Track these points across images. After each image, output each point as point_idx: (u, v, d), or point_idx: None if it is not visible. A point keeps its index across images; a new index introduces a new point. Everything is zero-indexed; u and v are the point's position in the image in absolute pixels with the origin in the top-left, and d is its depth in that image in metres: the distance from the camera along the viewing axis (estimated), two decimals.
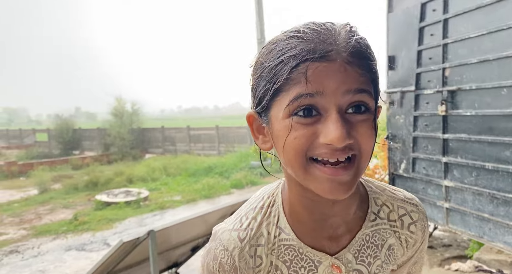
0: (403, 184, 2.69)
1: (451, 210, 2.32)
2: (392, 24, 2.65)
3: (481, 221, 2.08)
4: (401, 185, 2.68)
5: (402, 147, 2.68)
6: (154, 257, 1.89)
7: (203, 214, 2.27)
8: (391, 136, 2.75)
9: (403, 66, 2.59)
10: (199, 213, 2.35)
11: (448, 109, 2.18)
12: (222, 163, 7.13)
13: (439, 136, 2.32)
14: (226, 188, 5.61)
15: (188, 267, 2.68)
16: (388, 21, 2.68)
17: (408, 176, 2.63)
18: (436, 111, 2.26)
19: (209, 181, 5.86)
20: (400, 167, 2.68)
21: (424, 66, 2.39)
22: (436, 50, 2.26)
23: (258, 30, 6.72)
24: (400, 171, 2.69)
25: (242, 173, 6.23)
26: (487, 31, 1.91)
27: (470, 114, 2.11)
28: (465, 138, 2.12)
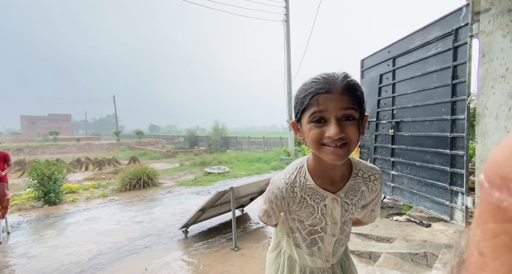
0: None
1: (395, 188, 3.25)
2: (363, 85, 3.83)
3: (411, 194, 2.95)
4: None
5: (368, 151, 3.76)
6: (233, 200, 2.98)
7: (255, 181, 3.43)
8: (362, 146, 3.89)
9: (369, 107, 3.66)
10: (254, 180, 3.48)
11: (395, 131, 3.18)
12: (265, 156, 11.68)
13: (389, 146, 3.29)
14: (267, 170, 9.13)
15: (249, 207, 4.39)
16: (360, 83, 3.92)
17: None
18: (388, 132, 3.30)
19: (259, 165, 9.83)
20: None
21: (381, 108, 3.46)
22: (388, 99, 3.31)
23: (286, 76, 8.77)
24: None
25: (276, 162, 10.02)
26: (417, 90, 2.80)
27: (407, 135, 2.99)
28: (404, 148, 3.04)
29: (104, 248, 3.16)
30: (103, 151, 21.09)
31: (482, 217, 0.18)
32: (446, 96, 2.49)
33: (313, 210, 0.71)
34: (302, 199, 0.71)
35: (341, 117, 0.59)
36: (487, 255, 0.16)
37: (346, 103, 0.58)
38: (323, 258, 0.78)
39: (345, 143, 0.59)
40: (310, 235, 0.77)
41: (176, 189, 6.50)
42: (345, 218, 0.75)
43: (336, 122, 0.57)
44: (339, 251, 0.82)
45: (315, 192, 0.70)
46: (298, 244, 0.80)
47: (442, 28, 2.54)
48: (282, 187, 0.72)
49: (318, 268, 0.79)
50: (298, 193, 0.71)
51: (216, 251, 2.94)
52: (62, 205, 5.35)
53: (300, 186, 0.71)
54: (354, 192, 0.72)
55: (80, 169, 10.71)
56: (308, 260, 0.80)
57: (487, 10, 2.04)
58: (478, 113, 2.09)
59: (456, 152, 2.39)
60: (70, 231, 3.80)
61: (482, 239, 0.17)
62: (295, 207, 0.73)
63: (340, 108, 0.58)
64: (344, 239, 0.81)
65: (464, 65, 2.29)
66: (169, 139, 29.12)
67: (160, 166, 10.82)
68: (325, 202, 0.70)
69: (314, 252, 0.78)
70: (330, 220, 0.72)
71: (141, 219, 4.24)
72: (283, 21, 9.63)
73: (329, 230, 0.75)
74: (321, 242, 0.77)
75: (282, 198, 0.72)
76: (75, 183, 7.49)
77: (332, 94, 0.58)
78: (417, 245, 2.24)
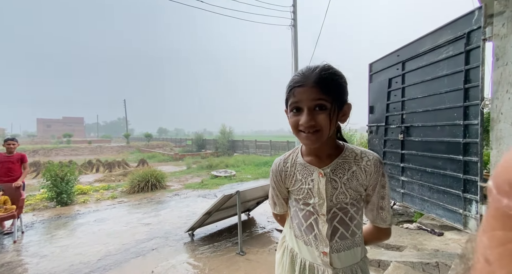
0: None
1: (405, 194, 3.17)
2: (372, 89, 3.81)
3: (422, 201, 2.88)
4: None
5: None
6: (239, 204, 2.98)
7: (262, 185, 3.45)
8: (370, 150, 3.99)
9: (378, 112, 3.66)
10: (260, 184, 3.54)
11: (405, 136, 3.12)
12: (272, 160, 11.65)
13: (399, 151, 3.22)
14: None
15: (255, 211, 4.41)
16: (369, 88, 3.86)
17: None
18: (397, 137, 3.23)
19: (265, 169, 9.71)
20: None
21: (391, 112, 3.41)
22: (397, 104, 3.25)
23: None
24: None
25: None
26: (427, 94, 2.76)
27: (417, 140, 2.93)
28: (414, 153, 2.98)
29: (113, 249, 3.21)
30: (113, 153, 21.60)
31: (489, 224, 0.17)
32: (458, 100, 2.43)
33: (301, 184, 0.78)
34: (293, 174, 0.81)
35: (313, 107, 0.66)
36: (493, 263, 0.16)
37: (316, 94, 0.65)
38: (320, 248, 0.76)
39: (317, 130, 0.66)
40: (306, 218, 0.80)
41: (183, 192, 6.56)
42: (336, 198, 0.75)
43: (308, 112, 0.65)
44: (345, 254, 0.76)
45: (303, 167, 0.79)
46: (298, 234, 0.82)
47: (454, 31, 2.49)
48: (278, 162, 0.86)
49: (318, 264, 0.77)
50: (289, 167, 0.82)
51: (221, 255, 2.93)
52: (73, 205, 5.49)
53: (292, 161, 0.82)
54: (342, 171, 0.75)
55: (91, 171, 10.98)
56: (306, 251, 0.79)
57: (501, 13, 1.99)
58: (492, 118, 2.02)
59: (469, 158, 2.32)
60: (80, 232, 3.89)
61: (488, 246, 0.16)
62: (288, 182, 0.82)
63: (311, 99, 0.65)
64: (348, 236, 0.77)
65: (477, 69, 2.23)
66: (177, 142, 29.55)
67: (167, 169, 10.95)
68: (312, 177, 0.77)
69: (311, 241, 0.79)
70: (317, 195, 0.76)
71: (149, 221, 4.29)
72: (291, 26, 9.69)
73: (318, 208, 0.77)
74: (316, 227, 0.77)
75: (277, 171, 0.84)
76: (86, 184, 7.69)
77: (304, 87, 0.65)
78: (429, 254, 2.16)
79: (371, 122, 3.86)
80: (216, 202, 3.02)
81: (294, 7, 9.76)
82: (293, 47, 9.57)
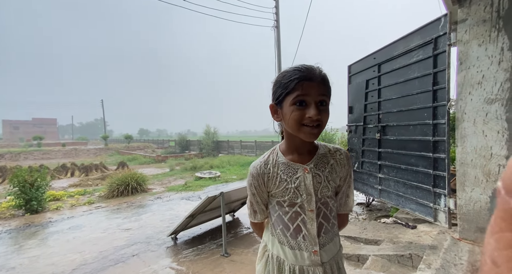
0: (356, 175, 3.74)
1: (382, 190, 3.32)
2: (351, 90, 3.96)
3: (398, 196, 3.03)
4: (355, 176, 3.73)
5: (356, 155, 3.84)
6: (223, 205, 2.93)
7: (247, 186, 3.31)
8: (350, 149, 3.98)
9: (357, 112, 3.81)
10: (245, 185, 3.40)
11: (381, 135, 3.28)
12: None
13: (376, 150, 3.38)
14: None
15: (240, 212, 4.33)
16: (348, 89, 4.02)
17: (359, 171, 3.74)
18: (375, 136, 3.39)
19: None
20: (355, 166, 3.81)
21: (368, 112, 3.57)
22: (374, 104, 3.42)
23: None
24: (355, 168, 3.78)
25: None
26: (401, 95, 2.93)
27: (393, 139, 3.09)
28: (390, 151, 3.14)
29: (89, 257, 3.04)
30: (90, 156, 20.49)
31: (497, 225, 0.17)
32: (428, 101, 2.59)
33: (287, 184, 0.77)
34: (276, 175, 0.79)
35: (318, 102, 0.69)
36: (501, 265, 0.15)
37: (323, 91, 0.69)
38: (310, 248, 0.77)
39: (319, 125, 0.69)
40: (292, 221, 0.78)
41: (165, 195, 6.39)
42: (321, 192, 0.78)
43: (315, 106, 0.68)
44: (329, 247, 0.80)
45: (287, 166, 0.78)
46: (282, 240, 0.80)
47: (423, 36, 2.65)
48: (257, 165, 0.81)
49: (307, 266, 0.77)
50: (271, 169, 0.79)
51: (205, 258, 2.89)
52: (45, 213, 5.13)
53: (273, 162, 0.80)
54: (323, 164, 0.79)
55: (65, 175, 10.33)
56: (295, 256, 0.78)
57: (463, 20, 2.16)
58: (457, 118, 2.18)
59: (438, 155, 2.48)
60: (52, 241, 3.64)
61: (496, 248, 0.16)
62: (271, 184, 0.79)
63: (319, 94, 0.68)
64: (329, 228, 0.80)
65: (444, 72, 2.40)
66: (159, 144, 28.65)
67: (149, 171, 10.60)
68: (297, 175, 0.77)
69: (300, 244, 0.78)
70: (305, 191, 0.77)
71: (129, 226, 4.12)
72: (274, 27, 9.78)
73: (306, 205, 0.77)
74: (305, 227, 0.77)
75: (258, 175, 0.80)
76: (59, 190, 7.22)
77: (314, 82, 0.68)
78: (403, 246, 2.29)
79: (351, 122, 4.01)
80: (200, 204, 2.97)
81: (276, 8, 9.86)
82: (276, 48, 9.67)
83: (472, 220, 2.10)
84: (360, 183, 3.82)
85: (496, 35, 1.94)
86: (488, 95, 1.98)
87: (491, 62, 1.96)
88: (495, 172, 1.95)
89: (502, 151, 1.91)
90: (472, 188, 2.09)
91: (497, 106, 1.94)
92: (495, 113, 1.94)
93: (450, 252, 1.92)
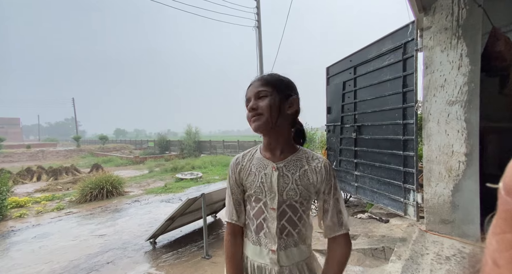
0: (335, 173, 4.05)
1: (358, 187, 3.45)
2: (329, 91, 4.08)
3: (372, 192, 3.16)
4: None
5: (334, 153, 3.97)
6: (204, 207, 2.90)
7: None
8: (328, 148, 4.11)
9: (335, 112, 3.93)
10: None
11: (357, 135, 3.40)
12: None
13: (352, 148, 3.49)
14: None
15: (222, 212, 4.31)
16: (326, 90, 4.13)
17: (337, 169, 3.87)
18: (351, 136, 3.51)
19: None
20: (333, 164, 3.92)
21: (345, 113, 3.68)
22: (351, 105, 3.51)
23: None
24: (333, 166, 4.01)
25: None
26: (375, 96, 3.04)
27: (368, 138, 3.20)
28: (365, 150, 3.25)
29: (58, 267, 2.84)
30: (60, 159, 19.07)
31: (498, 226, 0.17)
32: (398, 102, 2.75)
33: (254, 177, 0.82)
34: (248, 167, 0.85)
35: (256, 95, 0.77)
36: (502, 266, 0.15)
37: (258, 87, 0.78)
38: (269, 246, 0.79)
39: (260, 114, 0.75)
40: (256, 217, 0.82)
41: (144, 198, 6.15)
42: (286, 194, 0.78)
43: (252, 99, 0.78)
44: (291, 251, 0.79)
45: (259, 161, 0.84)
46: (248, 234, 0.84)
47: (394, 41, 2.81)
48: (236, 157, 0.89)
49: (265, 263, 0.78)
50: (246, 162, 0.86)
51: (186, 261, 2.83)
52: (6, 221, 4.69)
53: (250, 156, 0.87)
54: (295, 168, 0.81)
55: (30, 180, 9.52)
56: (255, 252, 0.81)
57: (428, 28, 2.32)
58: (423, 118, 2.35)
59: (407, 153, 2.65)
60: (15, 251, 3.34)
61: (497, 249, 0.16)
62: (243, 175, 0.84)
63: (254, 91, 0.78)
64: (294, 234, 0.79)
65: (412, 76, 2.56)
66: (137, 144, 27.43)
67: (126, 173, 10.12)
68: (265, 171, 0.81)
69: (260, 239, 0.80)
70: (269, 189, 0.79)
71: (103, 232, 3.90)
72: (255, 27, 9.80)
73: (269, 202, 0.79)
74: (266, 225, 0.80)
75: (234, 165, 0.87)
76: (24, 195, 6.63)
77: (252, 84, 0.80)
78: (377, 240, 2.42)
79: (329, 122, 4.13)
80: (180, 206, 2.90)
81: (258, 8, 9.90)
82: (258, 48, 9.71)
83: (436, 212, 2.27)
84: (339, 181, 3.90)
85: (456, 42, 2.11)
86: (450, 97, 2.15)
87: (452, 67, 2.14)
88: (456, 167, 2.13)
89: (462, 148, 2.09)
90: (437, 183, 2.26)
91: (457, 107, 2.11)
92: (455, 114, 2.12)
93: (418, 243, 2.06)
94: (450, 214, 2.18)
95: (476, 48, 2.02)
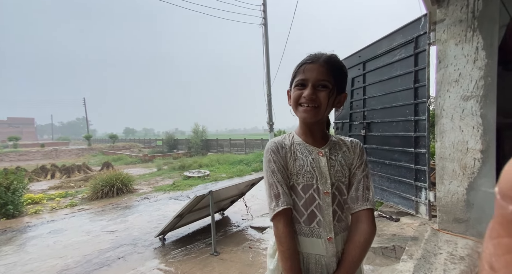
0: None
1: None
2: None
3: (382, 190, 3.13)
4: None
5: None
6: (212, 204, 2.92)
7: (236, 184, 3.38)
8: None
9: (343, 109, 4.02)
10: (234, 183, 3.45)
11: (366, 132, 3.36)
12: (247, 158, 11.53)
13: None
14: (249, 171, 9.20)
15: (229, 210, 4.39)
16: None
17: None
18: (360, 133, 3.46)
19: (240, 167, 9.81)
20: None
21: (354, 110, 3.63)
22: (360, 102, 3.47)
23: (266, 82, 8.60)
24: None
25: (257, 164, 10.16)
26: (384, 93, 2.99)
27: (377, 135, 3.16)
28: (375, 147, 3.21)
29: (72, 262, 2.93)
30: (72, 157, 19.66)
31: (495, 230, 0.16)
32: (409, 98, 2.68)
33: (302, 162, 0.78)
34: (293, 152, 0.80)
35: (317, 84, 0.73)
36: (498, 270, 0.15)
37: (322, 74, 0.72)
38: (325, 235, 0.75)
39: (316, 106, 0.73)
40: (307, 206, 0.77)
41: (152, 195, 6.25)
42: (335, 176, 0.78)
43: (311, 87, 0.72)
44: (342, 237, 0.79)
45: (303, 147, 0.81)
46: (295, 229, 0.78)
47: (405, 35, 2.73)
48: (276, 140, 0.83)
49: (321, 255, 0.75)
50: (289, 146, 0.81)
51: (194, 257, 2.86)
52: (22, 217, 4.87)
53: (289, 141, 0.83)
54: (336, 150, 0.82)
55: (45, 177, 9.85)
56: (309, 244, 0.76)
57: (442, 20, 2.24)
58: (436, 114, 2.28)
59: (419, 150, 2.58)
60: (31, 246, 3.47)
61: (494, 254, 0.16)
62: (289, 159, 0.79)
63: (317, 76, 0.72)
64: (343, 218, 0.80)
65: (424, 70, 2.49)
66: (146, 143, 27.94)
67: (136, 171, 10.33)
68: (312, 156, 0.79)
69: (314, 230, 0.76)
70: (319, 174, 0.77)
71: (114, 228, 4.00)
72: (261, 25, 9.75)
73: (321, 187, 0.77)
74: (320, 213, 0.76)
75: (277, 148, 0.80)
76: (38, 192, 6.87)
77: (314, 64, 0.73)
78: (387, 239, 2.37)
79: (337, 119, 4.07)
80: (188, 203, 2.93)
81: (264, 6, 9.83)
82: (264, 46, 9.66)
83: (450, 211, 2.21)
84: None
85: (472, 35, 2.03)
86: (464, 92, 2.08)
87: (467, 61, 2.06)
88: (470, 165, 2.06)
89: (477, 145, 2.02)
90: (450, 181, 2.19)
91: (472, 103, 2.04)
92: (470, 110, 2.05)
93: (430, 243, 2.01)
94: (465, 212, 2.11)
95: (492, 41, 1.94)
